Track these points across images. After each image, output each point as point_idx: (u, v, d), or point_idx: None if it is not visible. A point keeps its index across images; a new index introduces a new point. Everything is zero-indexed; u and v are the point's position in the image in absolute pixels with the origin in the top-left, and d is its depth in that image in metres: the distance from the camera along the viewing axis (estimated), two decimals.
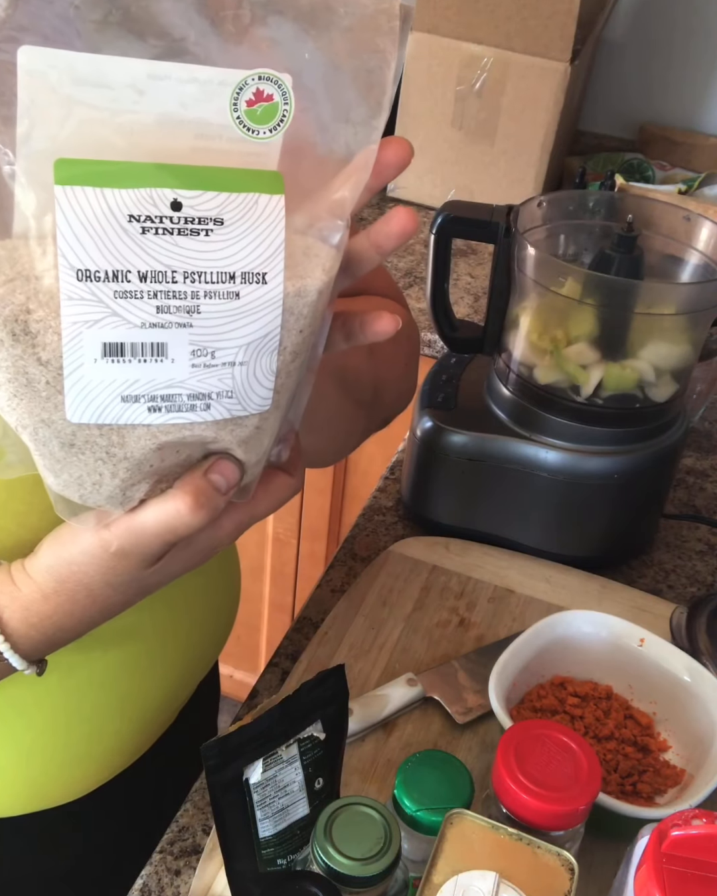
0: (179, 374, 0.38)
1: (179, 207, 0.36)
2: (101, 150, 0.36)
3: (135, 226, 0.36)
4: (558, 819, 0.54)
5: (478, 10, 1.40)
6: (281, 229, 0.38)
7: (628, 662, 0.74)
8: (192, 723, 0.83)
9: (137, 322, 0.37)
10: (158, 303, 0.37)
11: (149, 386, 0.38)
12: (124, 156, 0.36)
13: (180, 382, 0.39)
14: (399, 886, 0.51)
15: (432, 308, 0.91)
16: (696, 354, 0.86)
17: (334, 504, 1.51)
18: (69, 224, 0.35)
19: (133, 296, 0.36)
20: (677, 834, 0.48)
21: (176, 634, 0.69)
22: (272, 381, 0.41)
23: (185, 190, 0.36)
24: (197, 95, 0.37)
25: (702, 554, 0.95)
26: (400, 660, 0.81)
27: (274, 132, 0.38)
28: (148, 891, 0.66)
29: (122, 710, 0.67)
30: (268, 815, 0.53)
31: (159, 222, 0.36)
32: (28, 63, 0.34)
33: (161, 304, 0.37)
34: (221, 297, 0.38)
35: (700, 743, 0.69)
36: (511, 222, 0.82)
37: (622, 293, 0.80)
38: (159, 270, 0.37)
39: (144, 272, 0.36)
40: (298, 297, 0.40)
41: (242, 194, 0.37)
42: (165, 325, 0.37)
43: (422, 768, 0.56)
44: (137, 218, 0.36)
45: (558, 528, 0.90)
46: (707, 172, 1.52)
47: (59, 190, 0.35)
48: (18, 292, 0.36)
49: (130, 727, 0.69)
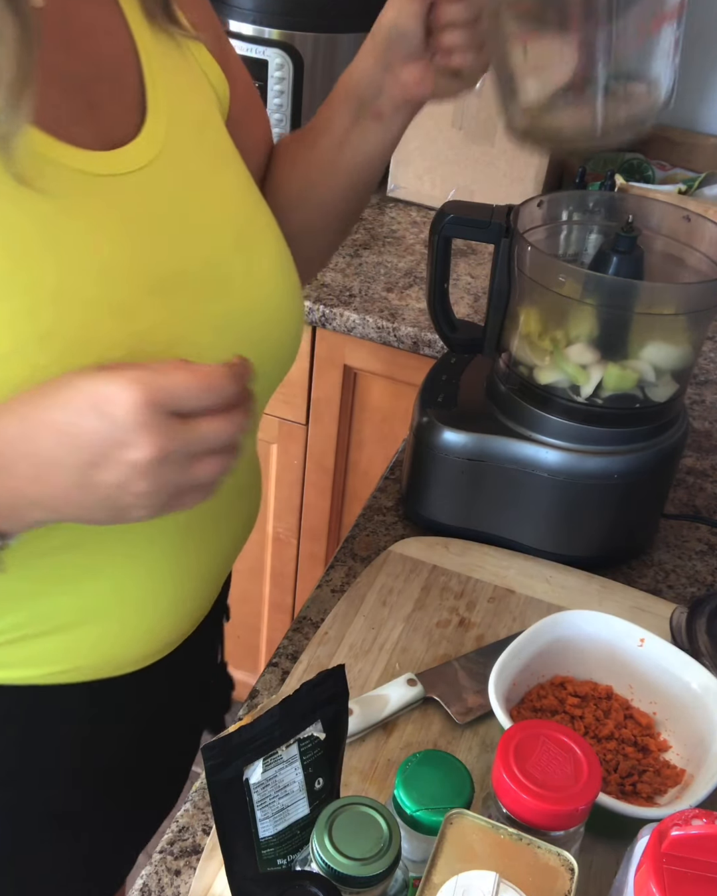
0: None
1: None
2: None
3: None
4: (558, 819, 0.54)
5: None
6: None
7: (628, 662, 0.74)
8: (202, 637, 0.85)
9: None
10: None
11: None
12: None
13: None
14: (399, 886, 0.51)
15: (431, 308, 0.91)
16: (696, 354, 0.86)
17: (334, 504, 1.51)
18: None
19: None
20: (677, 834, 0.48)
21: (223, 506, 0.74)
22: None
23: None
24: None
25: (702, 554, 0.95)
26: (400, 660, 0.81)
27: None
28: (148, 891, 0.66)
29: (190, 568, 0.72)
30: (268, 815, 0.53)
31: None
32: None
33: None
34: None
35: (700, 743, 0.69)
36: (511, 222, 0.82)
37: (622, 293, 0.80)
38: None
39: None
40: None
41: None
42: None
43: (422, 768, 0.57)
44: None
45: (558, 528, 0.90)
46: (707, 172, 1.52)
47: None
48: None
49: (192, 588, 0.73)
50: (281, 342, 0.72)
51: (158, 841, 0.69)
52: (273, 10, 1.43)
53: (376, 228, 1.50)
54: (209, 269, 0.65)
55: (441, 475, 0.90)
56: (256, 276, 0.68)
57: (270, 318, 0.69)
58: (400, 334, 1.27)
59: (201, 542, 0.72)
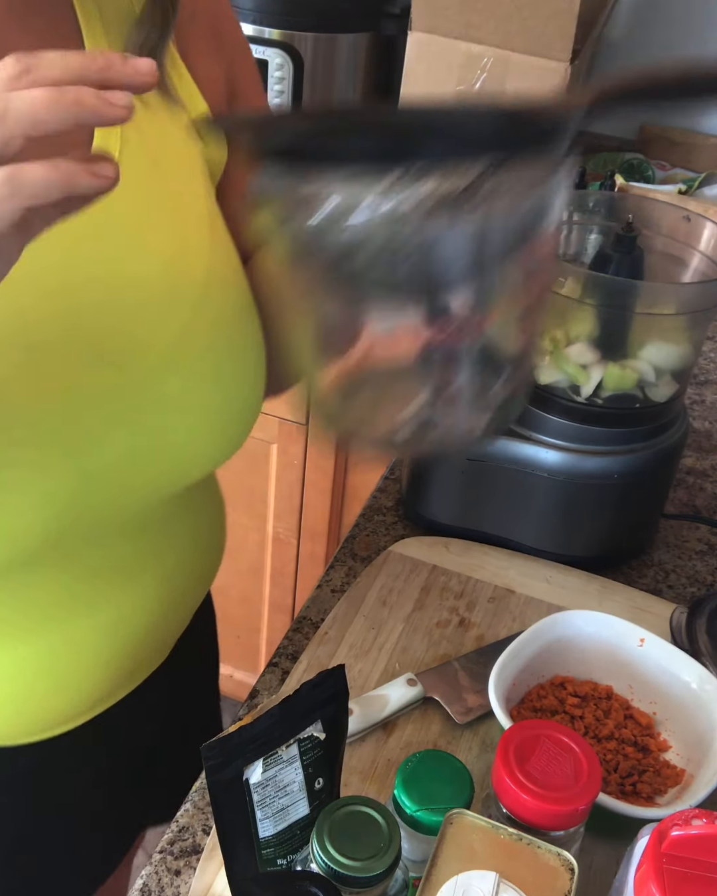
0: None
1: None
2: None
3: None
4: (558, 819, 0.54)
5: (478, 10, 1.40)
6: None
7: (628, 662, 0.74)
8: (189, 656, 0.83)
9: None
10: None
11: None
12: None
13: None
14: (399, 886, 0.51)
15: None
16: (696, 354, 0.86)
17: (334, 504, 1.51)
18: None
19: None
20: (677, 834, 0.48)
21: (162, 565, 0.69)
22: None
23: None
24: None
25: (702, 554, 0.95)
26: (400, 660, 0.81)
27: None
28: (148, 891, 0.66)
29: (107, 635, 0.68)
30: (268, 815, 0.53)
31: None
32: None
33: None
34: None
35: (700, 743, 0.69)
36: None
37: (621, 293, 0.80)
38: None
39: None
40: None
41: None
42: None
43: (422, 768, 0.56)
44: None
45: (558, 528, 0.90)
46: (707, 172, 1.52)
47: None
48: None
49: (117, 652, 0.69)
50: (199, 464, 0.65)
51: (159, 841, 0.69)
52: (273, 10, 1.43)
53: None
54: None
55: (441, 475, 0.90)
56: (179, 399, 0.60)
57: (187, 456, 0.62)
58: None
59: (146, 606, 0.70)
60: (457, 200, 0.39)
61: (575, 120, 0.40)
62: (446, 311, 0.44)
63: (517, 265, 0.43)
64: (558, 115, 0.40)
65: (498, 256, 0.42)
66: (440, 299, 0.44)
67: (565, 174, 0.42)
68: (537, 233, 0.42)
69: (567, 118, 0.40)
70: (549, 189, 0.42)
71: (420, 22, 1.44)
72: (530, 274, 0.45)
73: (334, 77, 1.50)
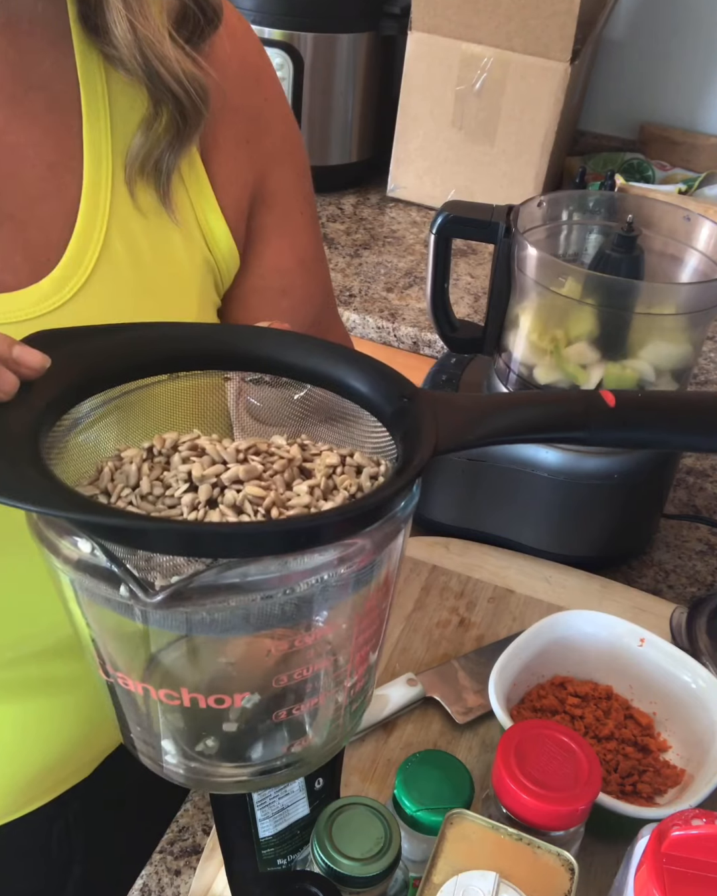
0: None
1: None
2: None
3: None
4: (558, 819, 0.54)
5: (478, 10, 1.40)
6: None
7: (628, 662, 0.74)
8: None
9: None
10: None
11: None
12: None
13: None
14: (399, 886, 0.51)
15: (432, 308, 0.91)
16: (696, 354, 0.86)
17: None
18: None
19: None
20: (677, 834, 0.48)
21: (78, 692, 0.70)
22: None
23: None
24: None
25: (702, 554, 0.95)
26: (400, 660, 0.81)
27: None
28: (148, 891, 0.66)
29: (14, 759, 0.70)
30: (268, 815, 0.53)
31: None
32: None
33: None
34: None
35: (700, 743, 0.69)
36: (511, 222, 0.82)
37: (621, 293, 0.80)
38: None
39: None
40: None
41: None
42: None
43: (422, 768, 0.56)
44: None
45: (559, 528, 0.90)
46: (707, 172, 1.53)
47: None
48: None
49: (23, 775, 0.72)
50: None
51: (159, 841, 0.69)
52: (273, 10, 1.43)
53: (376, 228, 1.50)
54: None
55: (441, 475, 0.90)
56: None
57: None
58: (400, 334, 1.27)
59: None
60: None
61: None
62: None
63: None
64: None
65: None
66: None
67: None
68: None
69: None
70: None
71: (420, 22, 1.44)
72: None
73: (334, 77, 1.50)
